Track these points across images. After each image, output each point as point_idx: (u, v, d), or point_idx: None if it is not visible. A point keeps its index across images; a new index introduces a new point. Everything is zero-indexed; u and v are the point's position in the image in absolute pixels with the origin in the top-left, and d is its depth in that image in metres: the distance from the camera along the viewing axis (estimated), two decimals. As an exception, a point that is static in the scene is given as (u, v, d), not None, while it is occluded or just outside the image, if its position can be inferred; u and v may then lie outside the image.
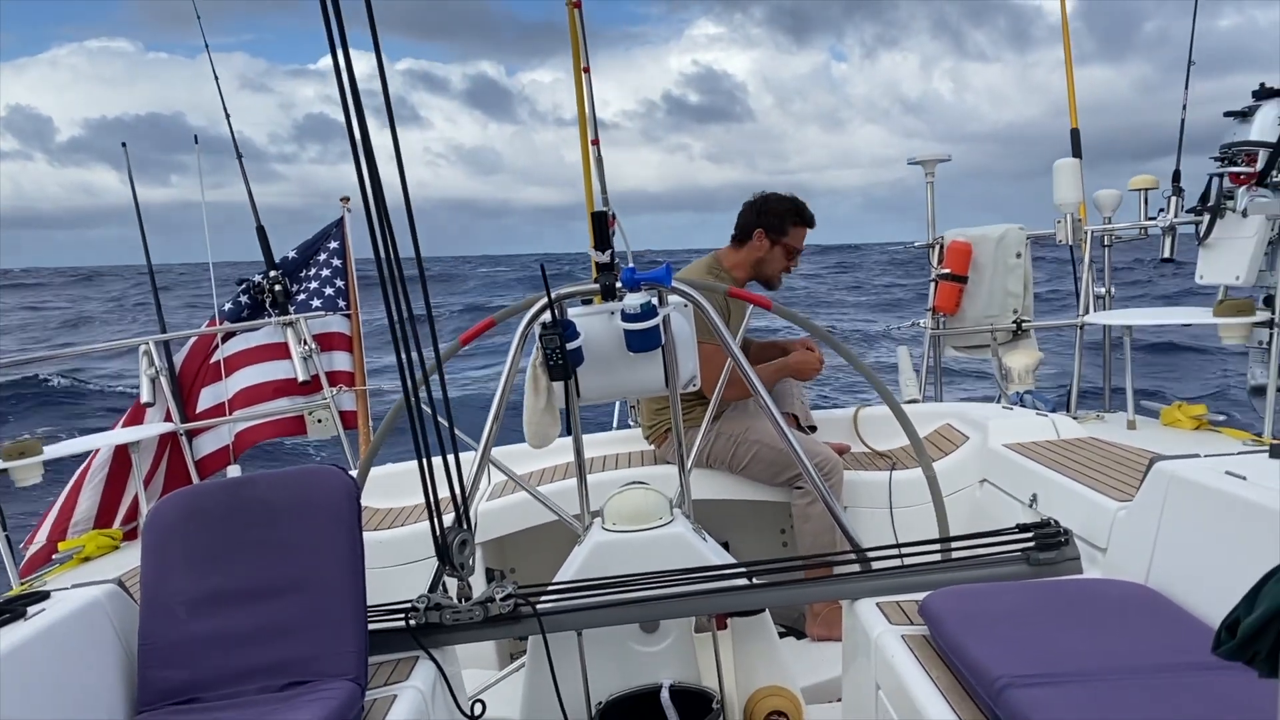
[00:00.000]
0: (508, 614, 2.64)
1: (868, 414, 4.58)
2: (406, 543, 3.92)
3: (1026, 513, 3.44)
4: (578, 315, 2.96)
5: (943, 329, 5.30)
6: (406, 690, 2.44)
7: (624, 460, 4.41)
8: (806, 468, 3.07)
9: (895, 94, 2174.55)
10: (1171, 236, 4.70)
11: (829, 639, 3.79)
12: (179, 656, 2.40)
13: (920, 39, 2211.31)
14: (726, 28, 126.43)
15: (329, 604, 2.44)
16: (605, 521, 3.03)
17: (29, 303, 37.38)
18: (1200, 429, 4.19)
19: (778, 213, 4.12)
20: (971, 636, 2.17)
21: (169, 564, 2.49)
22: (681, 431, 3.23)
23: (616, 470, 4.25)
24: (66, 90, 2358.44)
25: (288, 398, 5.13)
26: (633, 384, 3.08)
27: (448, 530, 2.43)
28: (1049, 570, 2.64)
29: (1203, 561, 2.33)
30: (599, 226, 2.96)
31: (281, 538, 2.48)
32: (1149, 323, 4.76)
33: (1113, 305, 5.02)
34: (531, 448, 3.07)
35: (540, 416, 2.97)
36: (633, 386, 3.13)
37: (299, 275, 5.47)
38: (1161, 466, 2.58)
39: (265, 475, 2.68)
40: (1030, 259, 5.17)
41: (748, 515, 4.36)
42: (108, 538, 4.26)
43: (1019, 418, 4.21)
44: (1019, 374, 5.03)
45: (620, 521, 2.99)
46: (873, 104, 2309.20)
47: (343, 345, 5.43)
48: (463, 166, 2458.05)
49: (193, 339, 5.17)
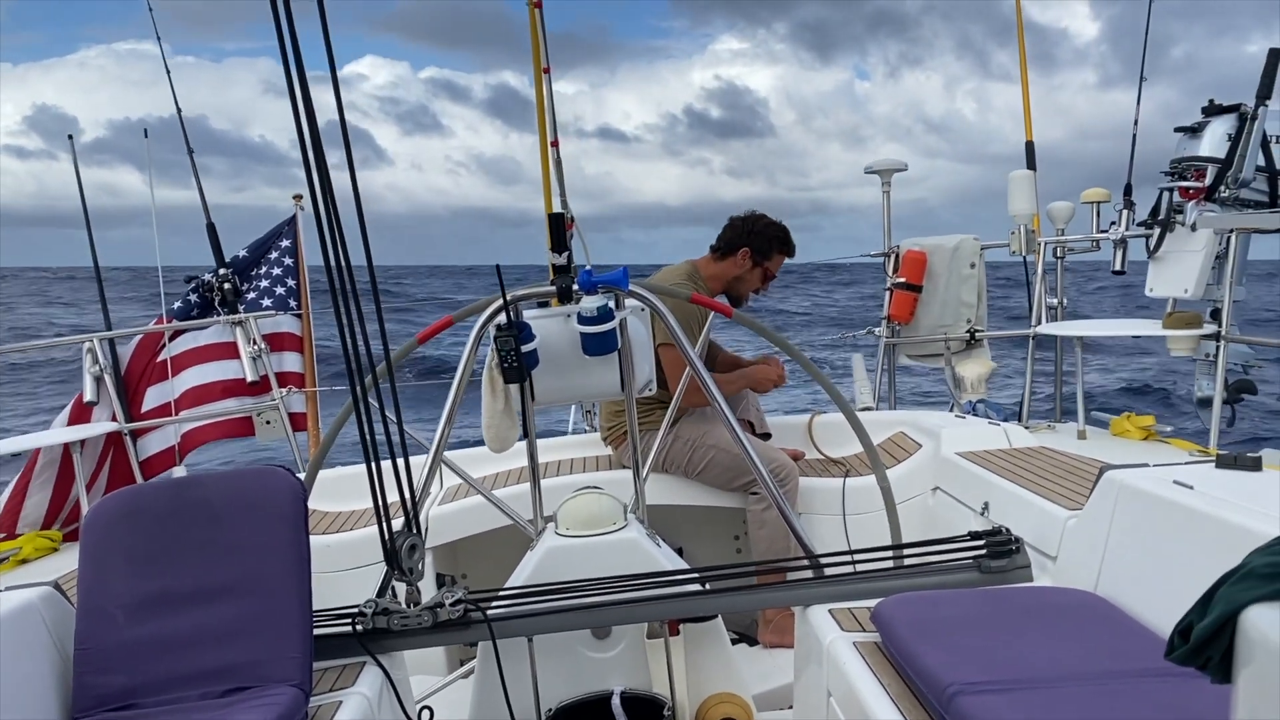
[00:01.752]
0: (457, 619, 2.60)
1: (822, 421, 4.59)
2: (355, 547, 3.86)
3: (978, 520, 3.47)
4: (533, 317, 2.93)
5: (897, 337, 5.33)
6: (352, 696, 2.39)
7: (579, 465, 4.38)
8: (761, 474, 3.07)
9: (918, 113, 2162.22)
10: (1123, 249, 4.76)
11: (781, 646, 3.79)
12: (117, 661, 2.34)
13: (944, 59, 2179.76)
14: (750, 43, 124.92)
15: (273, 608, 2.38)
16: (558, 526, 3.00)
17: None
18: (1149, 439, 4.25)
19: (766, 236, 4.17)
20: (923, 643, 2.18)
21: (108, 565, 2.42)
22: (637, 437, 3.21)
23: (571, 475, 4.22)
24: (93, 91, 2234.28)
25: (236, 398, 5.03)
26: (588, 387, 3.06)
27: (397, 534, 2.39)
28: (1000, 578, 2.66)
29: (1151, 569, 2.35)
30: (556, 228, 2.94)
31: (226, 539, 2.42)
32: (1099, 334, 4.82)
33: (1064, 316, 5.08)
34: (491, 451, 3.03)
35: (499, 419, 2.94)
36: (588, 390, 3.10)
37: (250, 274, 5.38)
38: (1111, 475, 2.61)
39: (209, 475, 2.62)
40: (984, 269, 5.22)
41: (702, 521, 4.35)
42: (46, 539, 4.16)
43: (971, 426, 4.24)
44: (972, 383, 5.08)
45: (574, 526, 2.96)
46: (895, 122, 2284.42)
47: (293, 345, 5.35)
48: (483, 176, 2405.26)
49: (139, 336, 5.06)
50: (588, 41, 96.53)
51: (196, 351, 5.05)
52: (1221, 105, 4.16)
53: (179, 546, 2.43)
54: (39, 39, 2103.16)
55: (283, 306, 5.29)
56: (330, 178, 2.07)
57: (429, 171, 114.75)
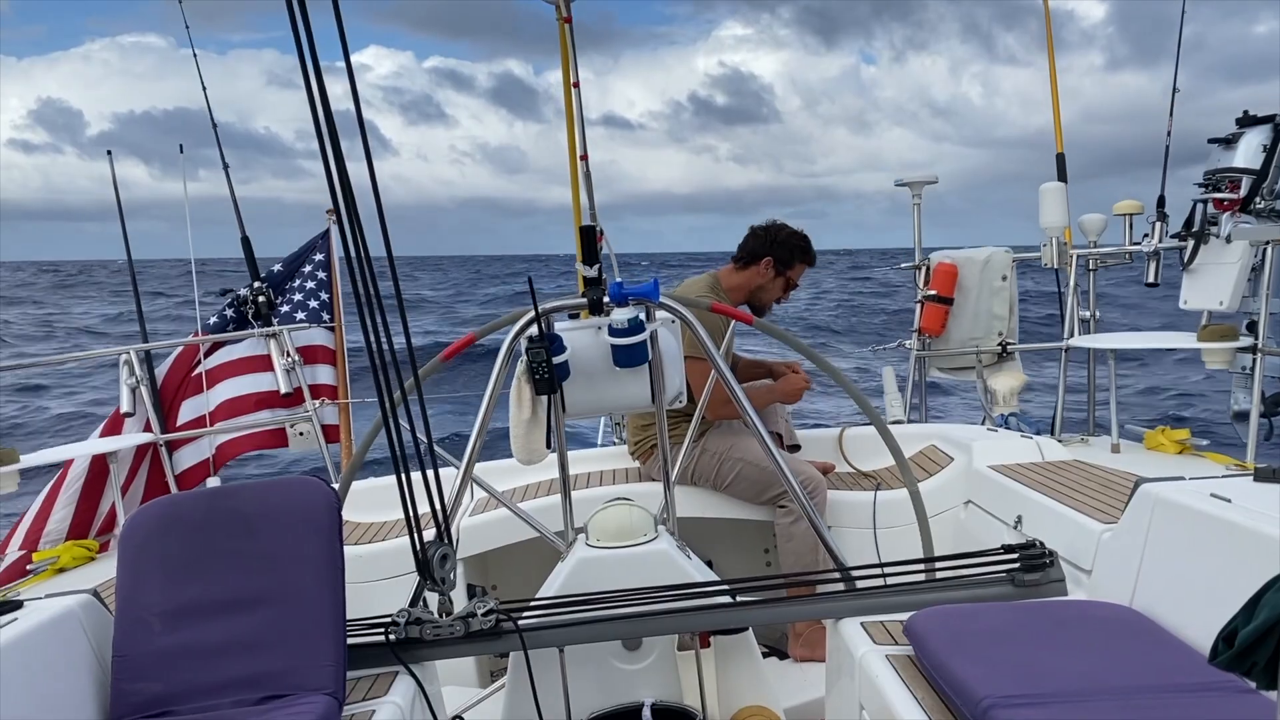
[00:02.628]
0: (489, 630, 2.61)
1: (853, 434, 4.57)
2: (387, 557, 3.88)
3: (1011, 534, 3.44)
4: (564, 329, 2.95)
5: (928, 350, 5.31)
6: (385, 705, 2.41)
7: (608, 477, 4.39)
8: (792, 486, 3.06)
9: (924, 97, 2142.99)
10: (1156, 261, 4.72)
11: (811, 659, 3.77)
12: (153, 669, 2.36)
13: (950, 42, 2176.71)
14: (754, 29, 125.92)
15: (307, 617, 2.40)
16: (589, 538, 3.00)
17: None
18: (1184, 453, 4.20)
19: (789, 246, 4.20)
20: (956, 656, 2.16)
21: (145, 574, 2.45)
22: (668, 448, 3.21)
23: (601, 487, 4.23)
24: (97, 84, 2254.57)
25: (270, 410, 5.08)
26: (619, 399, 3.07)
27: (428, 545, 2.41)
28: (1034, 591, 2.64)
29: (1187, 583, 2.32)
30: (587, 241, 2.96)
31: (261, 549, 2.45)
32: (1133, 346, 4.78)
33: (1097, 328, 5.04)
34: (520, 463, 3.04)
35: (527, 430, 2.95)
36: (619, 402, 3.11)
37: (284, 288, 5.44)
38: (1147, 489, 2.58)
39: (245, 485, 2.64)
40: (1016, 282, 5.18)
41: (731, 533, 4.34)
42: (83, 548, 4.21)
43: (1004, 439, 4.21)
44: (1004, 396, 5.04)
45: (604, 538, 2.97)
46: (900, 107, 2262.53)
47: (326, 358, 5.40)
48: (488, 165, 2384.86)
49: (176, 351, 5.13)
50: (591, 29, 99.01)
51: (231, 365, 5.11)
52: (1256, 116, 4.12)
53: (215, 555, 2.46)
54: (43, 32, 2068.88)
55: (316, 320, 5.35)
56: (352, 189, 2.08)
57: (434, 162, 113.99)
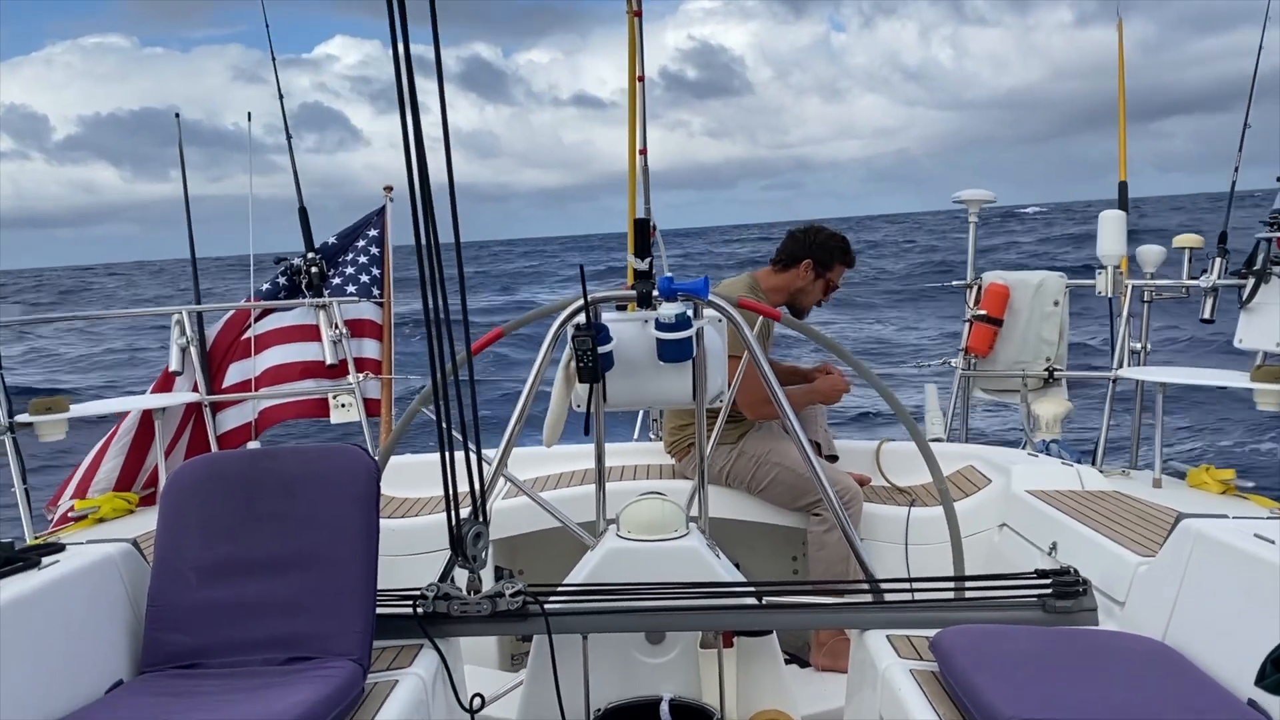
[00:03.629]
0: (515, 610, 2.63)
1: (891, 448, 4.54)
2: (418, 533, 3.92)
3: (1045, 560, 3.40)
4: (612, 320, 2.96)
5: (974, 370, 5.26)
6: (408, 677, 2.44)
7: (642, 471, 4.40)
8: (829, 494, 3.05)
9: (895, 63, 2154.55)
10: (1214, 298, 4.65)
11: (833, 670, 3.75)
12: (186, 621, 2.41)
13: (918, 5, 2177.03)
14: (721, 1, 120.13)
15: (339, 582, 2.44)
16: (620, 529, 3.01)
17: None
18: (1227, 494, 4.13)
19: (828, 248, 4.19)
20: (983, 675, 2.15)
21: (185, 528, 2.50)
22: (704, 446, 3.21)
23: (634, 480, 4.24)
24: (62, 88, 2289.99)
25: (314, 380, 5.15)
26: (659, 394, 3.07)
27: (463, 521, 2.43)
28: (1065, 619, 2.61)
29: (1223, 622, 2.29)
30: (641, 234, 2.96)
31: (299, 512, 2.49)
32: (1184, 381, 4.70)
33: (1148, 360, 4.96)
34: (545, 444, 3.06)
35: (563, 416, 2.97)
36: (659, 396, 3.12)
37: (337, 260, 5.51)
38: (1189, 524, 2.54)
39: (289, 449, 2.69)
40: (1068, 308, 5.12)
41: (760, 537, 4.33)
42: (124, 501, 4.29)
43: (1044, 465, 4.16)
44: (1047, 422, 4.98)
45: (636, 530, 2.98)
46: (872, 74, 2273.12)
47: (373, 333, 5.45)
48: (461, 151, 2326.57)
49: (229, 314, 5.21)
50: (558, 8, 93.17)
51: (280, 332, 5.18)
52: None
53: (254, 516, 2.50)
54: (2, 37, 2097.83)
55: (366, 294, 5.40)
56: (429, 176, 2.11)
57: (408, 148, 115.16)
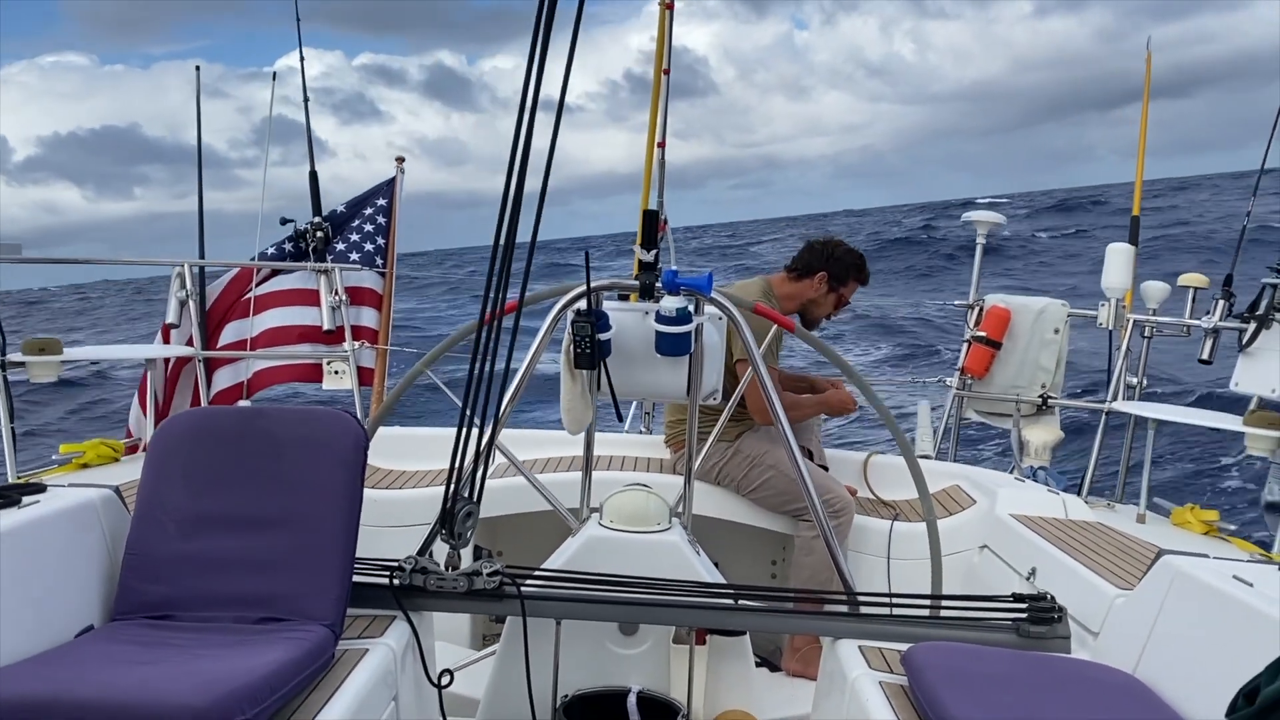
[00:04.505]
0: (491, 590, 2.63)
1: (878, 461, 4.55)
2: (401, 505, 3.92)
3: (1023, 585, 3.40)
4: (612, 309, 2.95)
5: (968, 391, 5.26)
6: (379, 647, 2.43)
7: (630, 463, 4.39)
8: (814, 502, 3.04)
9: (858, 59, 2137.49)
10: (1214, 339, 4.65)
11: (803, 676, 3.75)
12: (162, 572, 2.40)
13: (879, 1, 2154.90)
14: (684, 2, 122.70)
15: (318, 546, 2.43)
16: (603, 518, 3.01)
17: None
18: (1209, 534, 4.13)
19: (845, 264, 4.21)
20: (951, 692, 2.15)
21: (169, 479, 2.49)
22: (694, 443, 3.21)
23: (622, 471, 4.24)
24: (19, 109, 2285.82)
25: (310, 344, 5.14)
26: (655, 386, 3.07)
27: (459, 499, 2.43)
28: (1038, 644, 2.61)
29: (1196, 660, 2.29)
30: (649, 225, 2.96)
31: (285, 473, 2.48)
32: (1176, 420, 4.70)
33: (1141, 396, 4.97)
34: (569, 433, 3.05)
35: (576, 401, 2.96)
36: (654, 389, 3.11)
37: (343, 228, 5.49)
38: (1169, 560, 2.55)
39: (281, 409, 2.68)
40: (1068, 336, 5.12)
41: (743, 539, 4.33)
42: (109, 448, 4.28)
43: (1030, 490, 4.17)
44: (1036, 449, 4.99)
45: (618, 520, 2.98)
46: (836, 70, 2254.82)
47: (373, 302, 5.44)
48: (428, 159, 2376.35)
49: (230, 274, 5.19)
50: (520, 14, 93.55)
51: (280, 294, 5.17)
52: None
53: (240, 472, 2.49)
54: None
55: (369, 263, 5.39)
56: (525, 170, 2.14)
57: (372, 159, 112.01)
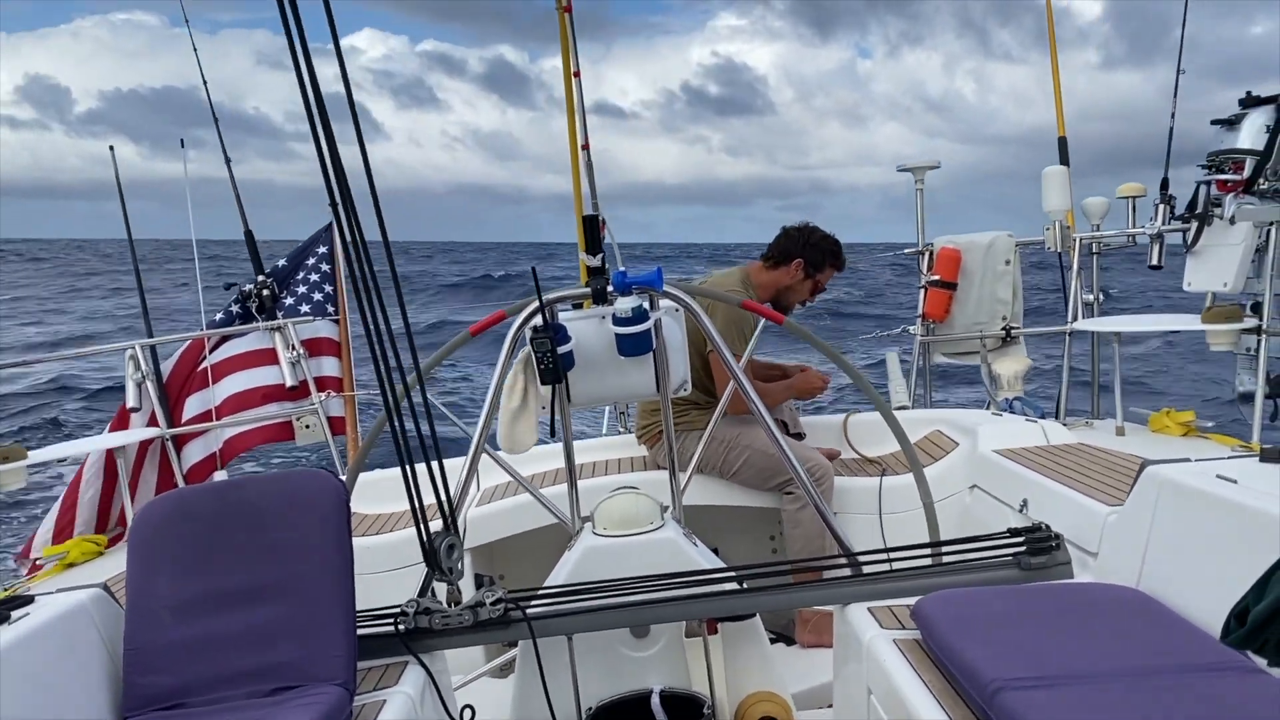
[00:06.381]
0: (498, 618, 2.62)
1: (857, 420, 4.58)
2: (395, 548, 3.90)
3: (1017, 518, 3.45)
4: (569, 319, 2.95)
5: (932, 335, 5.31)
6: (395, 695, 2.42)
7: (614, 466, 4.40)
8: (799, 474, 3.06)
9: (918, 92, 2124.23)
10: (1159, 244, 4.72)
11: (818, 645, 3.78)
12: (165, 661, 2.38)
13: (945, 37, 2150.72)
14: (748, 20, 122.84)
15: (317, 608, 2.41)
16: (595, 526, 3.01)
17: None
18: (1189, 435, 4.20)
19: (821, 249, 4.23)
20: (964, 640, 2.17)
21: (156, 567, 2.46)
22: (673, 436, 3.22)
23: (607, 475, 4.24)
24: (86, 62, 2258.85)
25: (276, 403, 5.09)
26: (624, 388, 3.07)
27: (435, 535, 2.41)
28: (1040, 574, 2.64)
29: (1194, 565, 2.33)
30: (590, 231, 2.96)
31: (270, 541, 2.46)
32: (1136, 329, 4.78)
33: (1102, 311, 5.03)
34: (506, 451, 3.06)
35: (513, 419, 2.97)
36: (624, 390, 3.12)
37: (288, 281, 5.44)
38: (1152, 471, 2.59)
39: (254, 478, 2.65)
40: (1020, 266, 5.18)
41: (737, 521, 4.35)
42: (92, 543, 4.23)
43: (1009, 424, 4.22)
44: (1008, 380, 5.05)
45: (610, 526, 2.98)
46: (895, 101, 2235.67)
47: (331, 350, 5.40)
48: (480, 151, 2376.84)
49: (182, 348, 5.13)
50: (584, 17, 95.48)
51: (236, 359, 5.11)
52: (1259, 97, 4.11)
53: (225, 548, 2.46)
54: (32, 8, 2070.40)
55: (320, 312, 5.34)
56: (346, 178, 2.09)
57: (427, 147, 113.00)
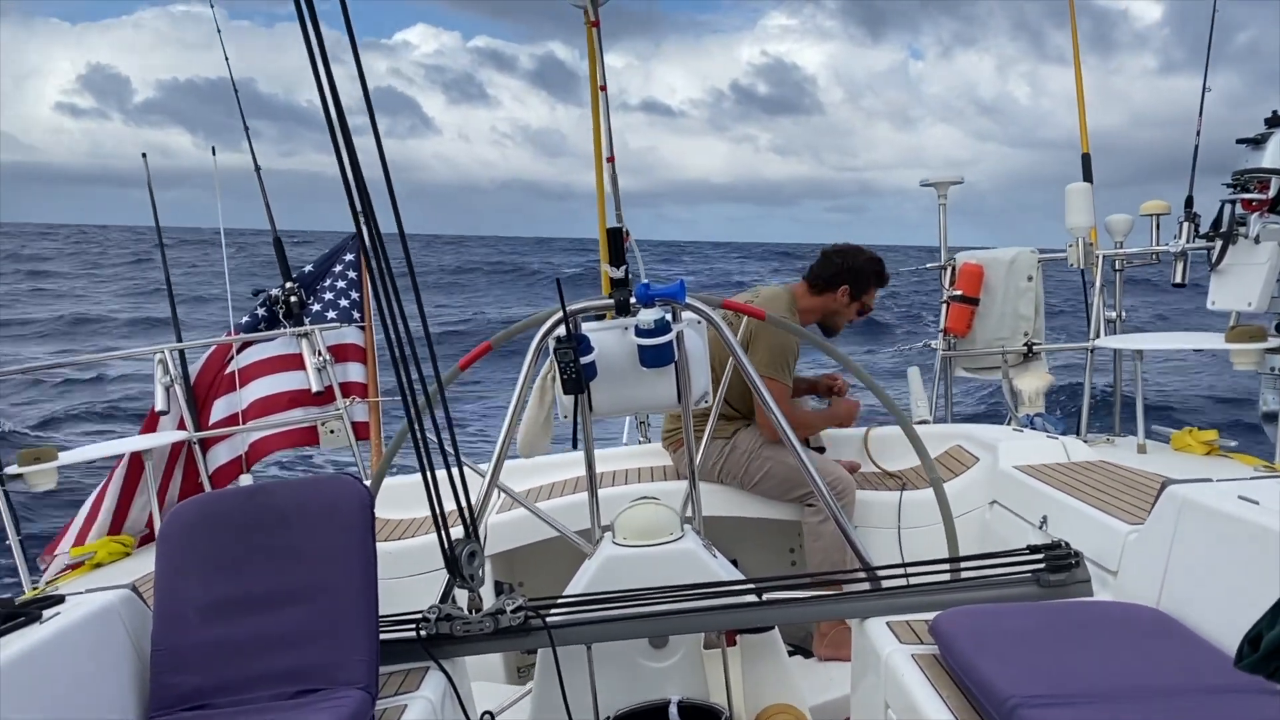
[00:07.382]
0: (518, 626, 2.65)
1: (879, 434, 4.59)
2: (417, 554, 3.93)
3: (1036, 535, 3.44)
4: (592, 330, 2.98)
5: (954, 350, 5.31)
6: (417, 700, 2.45)
7: (634, 475, 4.42)
8: (820, 488, 3.07)
9: (970, 95, 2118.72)
10: (1183, 262, 4.70)
11: (836, 659, 3.79)
12: (191, 662, 2.42)
13: (999, 39, 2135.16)
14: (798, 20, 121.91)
15: (341, 612, 2.45)
16: (616, 536, 3.04)
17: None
18: (1211, 454, 4.19)
19: (865, 273, 4.26)
20: (982, 656, 2.18)
21: (184, 569, 2.50)
22: (693, 449, 3.24)
23: (628, 485, 4.26)
24: (146, 52, 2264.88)
25: (302, 408, 5.14)
26: (645, 399, 3.10)
27: (456, 542, 2.45)
28: (1059, 592, 2.65)
29: (1214, 585, 2.33)
30: (614, 243, 2.98)
31: (296, 545, 2.50)
32: (1159, 347, 4.76)
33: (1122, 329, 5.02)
34: (521, 455, 3.10)
35: (537, 428, 3.01)
36: (645, 401, 3.15)
37: (315, 288, 5.50)
38: (1174, 490, 2.59)
39: (281, 483, 2.69)
40: (1042, 282, 5.17)
41: (757, 532, 4.36)
42: (119, 544, 4.29)
43: (1029, 440, 4.21)
44: (1029, 396, 5.04)
45: (631, 536, 3.00)
46: (946, 104, 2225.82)
47: (357, 357, 5.45)
48: (528, 147, 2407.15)
49: (209, 351, 5.20)
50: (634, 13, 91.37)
51: (263, 364, 5.17)
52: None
53: (252, 552, 2.50)
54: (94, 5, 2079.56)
55: (346, 319, 5.40)
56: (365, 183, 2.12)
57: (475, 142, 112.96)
